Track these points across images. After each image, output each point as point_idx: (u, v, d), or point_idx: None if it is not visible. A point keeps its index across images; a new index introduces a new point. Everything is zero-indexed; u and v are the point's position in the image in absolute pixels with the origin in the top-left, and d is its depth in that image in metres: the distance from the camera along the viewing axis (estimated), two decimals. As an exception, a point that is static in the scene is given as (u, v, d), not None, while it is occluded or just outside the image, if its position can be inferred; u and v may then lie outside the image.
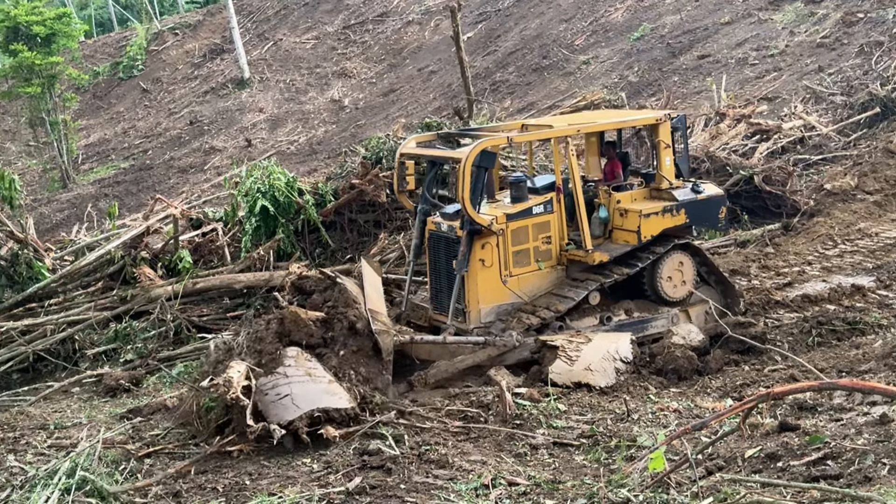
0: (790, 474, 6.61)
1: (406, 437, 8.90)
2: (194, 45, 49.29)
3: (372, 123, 35.52)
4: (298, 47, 46.51)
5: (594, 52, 34.28)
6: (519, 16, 40.92)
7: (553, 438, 9.00)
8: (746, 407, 6.74)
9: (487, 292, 11.79)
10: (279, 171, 16.21)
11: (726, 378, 10.96)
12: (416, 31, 45.17)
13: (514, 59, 36.94)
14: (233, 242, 16.43)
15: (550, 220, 12.12)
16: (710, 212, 12.83)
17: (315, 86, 42.87)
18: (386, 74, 42.04)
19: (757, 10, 31.58)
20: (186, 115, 42.46)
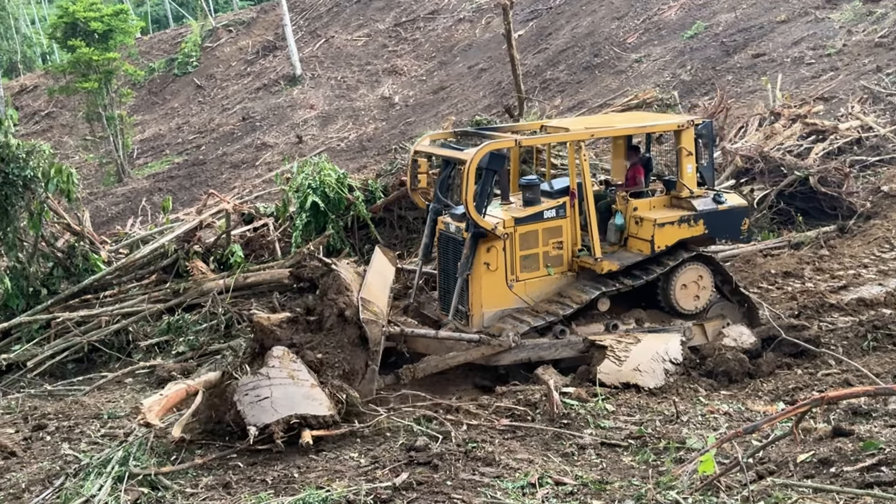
0: (843, 480, 6.51)
1: (453, 434, 8.90)
2: (248, 42, 49.81)
3: (422, 121, 35.59)
4: (350, 44, 46.77)
5: (646, 50, 34.01)
6: (571, 13, 40.73)
7: (600, 439, 8.95)
8: (799, 411, 6.65)
9: (491, 296, 11.51)
10: (330, 167, 16.34)
11: (778, 381, 10.84)
12: (466, 29, 45.18)
13: (564, 56, 36.78)
14: (283, 238, 16.59)
15: (563, 224, 11.78)
16: (732, 223, 12.35)
17: (365, 83, 43.07)
18: (436, 72, 42.09)
19: (814, 8, 31.08)
20: (239, 112, 42.91)
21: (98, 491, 8.08)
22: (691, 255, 11.96)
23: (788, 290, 14.13)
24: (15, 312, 14.87)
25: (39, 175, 14.68)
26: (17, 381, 13.69)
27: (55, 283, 15.45)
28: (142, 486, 8.20)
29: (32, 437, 10.28)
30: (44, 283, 15.39)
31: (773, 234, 17.04)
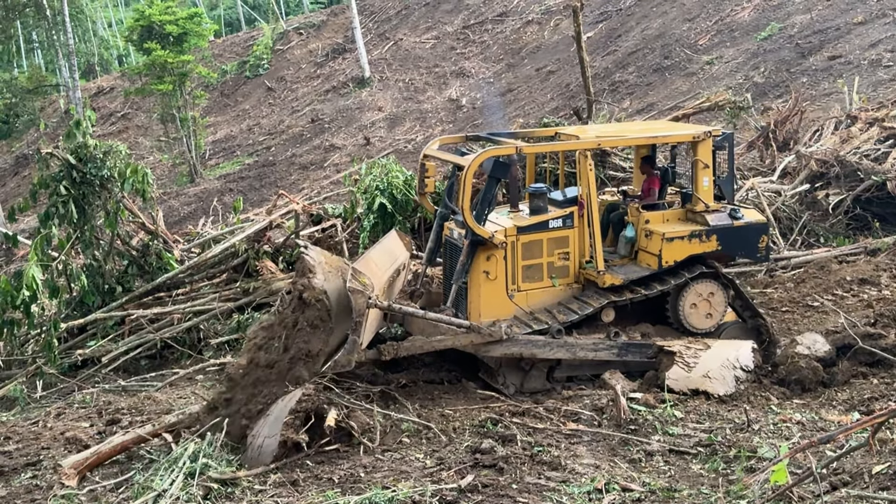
0: (922, 494, 6.36)
1: (519, 437, 8.88)
2: (318, 45, 50.41)
3: (488, 122, 35.62)
4: (418, 47, 47.04)
5: (718, 52, 33.57)
6: (641, 15, 40.39)
7: (669, 446, 8.85)
8: (876, 421, 6.48)
9: (490, 306, 11.17)
10: (397, 169, 16.42)
11: (853, 391, 10.56)
12: (535, 31, 45.11)
13: (634, 58, 36.50)
14: (351, 238, 16.71)
15: (569, 235, 11.45)
16: (748, 240, 11.85)
17: (433, 85, 43.27)
18: (504, 74, 42.12)
19: (892, 9, 30.37)
20: (308, 113, 43.43)
21: (170, 485, 8.23)
22: (700, 272, 11.53)
23: (864, 298, 13.80)
24: (91, 309, 15.19)
25: (116, 175, 14.99)
26: (92, 377, 14.00)
27: (130, 281, 15.76)
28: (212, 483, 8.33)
29: (106, 432, 10.50)
30: (119, 281, 15.70)
31: (850, 240, 16.65)
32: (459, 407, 10.14)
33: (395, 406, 10.24)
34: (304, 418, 9.00)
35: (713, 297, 11.62)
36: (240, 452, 9.15)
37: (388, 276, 11.35)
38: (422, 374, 11.36)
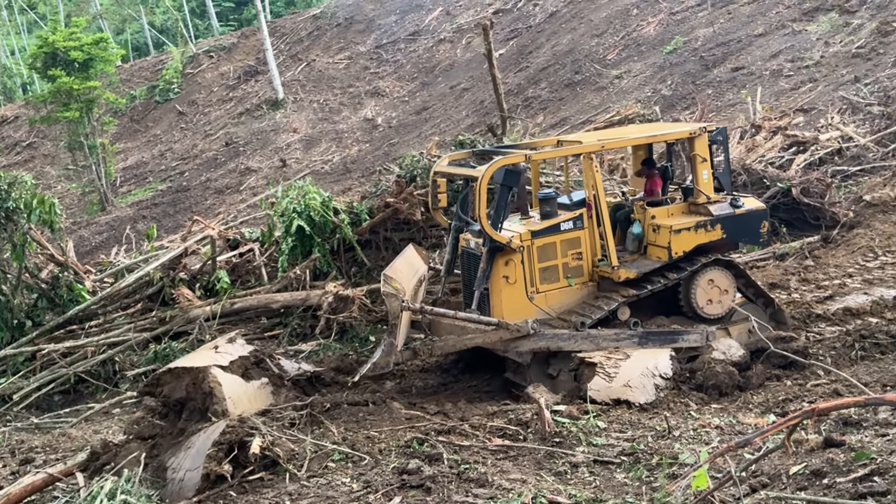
0: (836, 491, 6.48)
1: (445, 456, 8.85)
2: (229, 68, 49.81)
3: (405, 141, 35.65)
4: (331, 67, 46.88)
5: (627, 66, 34.21)
6: (550, 32, 40.96)
7: (593, 456, 8.91)
8: (790, 423, 6.63)
9: (512, 309, 11.61)
10: (314, 190, 16.29)
11: (768, 393, 10.83)
12: (447, 49, 45.35)
13: (546, 74, 36.96)
14: (269, 262, 16.54)
15: (581, 235, 11.95)
16: (751, 226, 12.48)
17: (348, 105, 43.15)
18: (418, 92, 42.21)
19: (791, 21, 31.36)
20: (222, 137, 42.87)
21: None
22: (710, 259, 12.09)
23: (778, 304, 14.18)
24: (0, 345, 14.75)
25: (22, 206, 14.61)
26: (4, 415, 13.56)
27: (40, 315, 15.33)
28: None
29: (20, 472, 10.16)
30: (28, 315, 15.27)
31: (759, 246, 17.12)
32: (385, 428, 10.07)
33: (321, 430, 10.11)
34: (228, 449, 8.84)
35: (723, 284, 12.16)
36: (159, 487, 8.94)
37: (413, 285, 11.78)
38: (346, 396, 11.28)
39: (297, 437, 9.44)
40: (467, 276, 12.36)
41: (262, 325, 15.22)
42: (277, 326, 15.10)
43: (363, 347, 14.21)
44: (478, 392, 12.23)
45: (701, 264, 11.99)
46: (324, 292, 14.74)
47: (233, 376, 10.50)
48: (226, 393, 10.06)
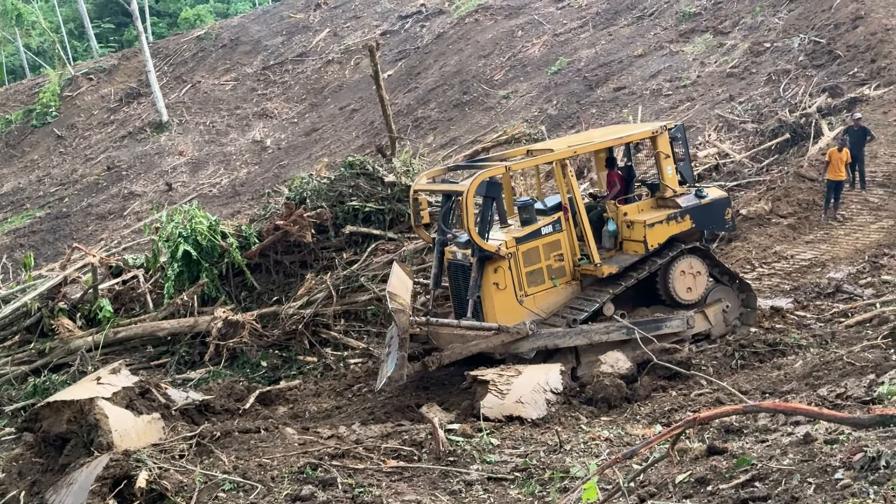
0: (720, 497, 6.63)
1: (339, 480, 8.76)
2: (110, 90, 48.55)
3: (295, 163, 35.36)
4: (217, 89, 46.19)
5: (513, 86, 34.74)
6: (438, 53, 41.29)
7: (487, 473, 8.92)
8: (674, 433, 6.78)
9: (505, 313, 12.12)
10: (201, 214, 15.97)
11: (655, 404, 11.01)
12: (336, 70, 45.24)
13: (434, 95, 37.21)
14: (155, 289, 16.10)
15: (560, 238, 12.54)
16: (717, 214, 13.31)
17: (236, 127, 42.57)
18: (308, 114, 41.96)
19: (668, 42, 32.38)
20: (104, 161, 41.71)
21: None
22: (689, 247, 12.81)
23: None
24: None
25: None
26: None
27: (-88, 350, 14.62)
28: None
29: None
30: None
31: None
32: (277, 455, 9.88)
33: (211, 460, 9.88)
34: (113, 484, 8.56)
35: (696, 270, 12.84)
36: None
37: (409, 300, 12.21)
38: (237, 424, 11.06)
39: (186, 468, 9.20)
40: (455, 286, 12.85)
41: (149, 354, 14.81)
42: (164, 355, 14.71)
43: (254, 373, 13.99)
44: (372, 414, 12.17)
45: (679, 251, 12.71)
46: (212, 318, 14.45)
47: (119, 408, 10.19)
48: (112, 425, 9.75)
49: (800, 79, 25.50)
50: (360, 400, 12.73)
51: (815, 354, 11.51)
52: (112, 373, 10.84)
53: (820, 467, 6.56)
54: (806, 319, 13.57)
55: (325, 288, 15.08)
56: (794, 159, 20.96)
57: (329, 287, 14.96)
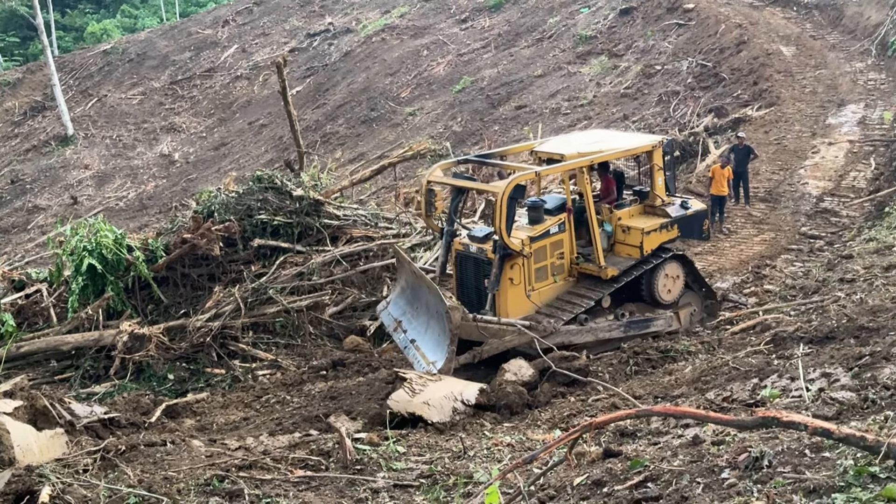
0: (615, 499, 6.70)
1: (246, 491, 8.58)
2: (14, 103, 47.05)
3: (203, 177, 34.82)
4: (124, 103, 45.17)
5: (419, 103, 34.89)
6: (346, 70, 41.20)
7: (393, 481, 8.85)
8: (572, 437, 6.85)
9: (515, 307, 12.53)
10: (107, 227, 15.49)
11: (555, 410, 11.03)
12: (245, 86, 44.74)
13: (343, 111, 37.12)
14: (59, 303, 15.56)
15: (563, 238, 12.96)
16: (697, 224, 13.90)
17: (143, 141, 41.69)
18: (216, 128, 41.37)
19: (566, 63, 32.96)
20: (7, 174, 40.35)
21: None
22: (669, 255, 13.37)
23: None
24: None
25: None
26: None
27: None
28: None
29: None
30: None
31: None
32: (184, 467, 9.62)
33: (116, 474, 9.58)
34: (15, 500, 8.23)
35: (675, 275, 13.43)
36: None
37: None
38: (143, 437, 10.76)
39: (91, 482, 8.90)
40: (463, 276, 13.13)
41: (52, 369, 14.29)
42: (69, 369, 14.21)
43: (161, 386, 13.64)
44: (280, 424, 11.97)
45: (667, 258, 13.28)
46: (118, 332, 14.04)
47: (21, 423, 9.81)
48: (14, 440, 9.38)
49: (688, 99, 26.29)
50: (268, 411, 12.51)
51: (704, 360, 11.74)
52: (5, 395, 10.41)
53: (708, 468, 6.70)
54: (695, 328, 13.90)
55: (233, 300, 14.82)
56: (683, 176, 21.53)
57: (237, 299, 14.72)
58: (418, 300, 13.06)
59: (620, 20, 35.20)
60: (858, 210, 18.88)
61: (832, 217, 18.83)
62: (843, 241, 17.15)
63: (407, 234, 16.82)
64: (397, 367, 12.37)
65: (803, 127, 23.45)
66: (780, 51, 28.64)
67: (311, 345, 14.63)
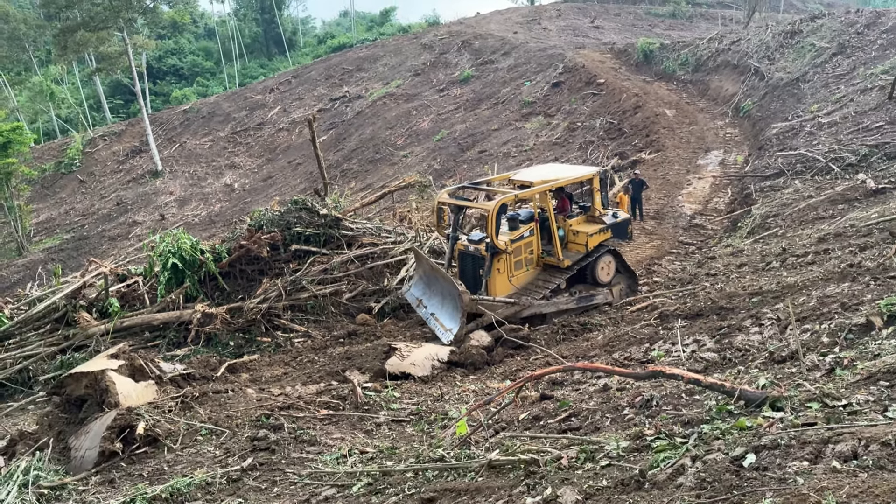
0: (548, 429, 6.75)
1: (285, 425, 8.53)
2: (119, 147, 46.60)
3: (255, 201, 34.54)
4: (198, 147, 44.79)
5: (410, 149, 34.85)
6: (358, 125, 41.10)
7: (391, 417, 8.85)
8: (517, 385, 6.87)
9: (502, 288, 12.86)
10: (185, 237, 15.33)
11: (506, 366, 11.07)
12: (285, 136, 44.49)
13: (355, 154, 37.00)
14: (150, 291, 15.34)
15: (532, 240, 13.27)
16: (623, 229, 14.24)
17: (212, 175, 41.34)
18: (265, 166, 41.08)
19: (514, 121, 33.03)
20: (114, 199, 39.94)
21: (6, 496, 7.09)
22: (610, 249, 13.75)
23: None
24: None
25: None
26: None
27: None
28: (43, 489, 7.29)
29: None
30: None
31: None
32: (240, 408, 9.57)
33: (191, 413, 9.48)
34: (119, 431, 8.13)
35: (609, 262, 13.74)
36: (64, 464, 8.09)
37: None
38: (211, 387, 10.63)
39: (174, 419, 8.82)
40: (463, 268, 13.34)
41: (146, 338, 14.09)
42: (158, 338, 14.02)
43: (224, 350, 13.50)
44: (310, 377, 11.88)
45: (603, 251, 13.62)
46: (193, 311, 13.87)
47: (124, 377, 9.68)
48: (119, 389, 9.27)
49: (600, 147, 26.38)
50: (301, 367, 12.41)
51: (611, 331, 11.80)
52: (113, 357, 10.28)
53: (614, 406, 6.72)
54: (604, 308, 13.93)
55: (276, 289, 14.70)
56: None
57: (280, 288, 14.59)
58: (433, 286, 13.20)
59: (553, 91, 35.32)
60: (719, 225, 19.03)
61: (701, 230, 18.96)
62: (709, 247, 17.27)
63: (401, 241, 16.75)
64: (391, 340, 12.26)
65: (681, 166, 23.62)
66: (664, 112, 28.85)
67: (332, 320, 14.53)
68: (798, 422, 4.93)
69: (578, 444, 5.82)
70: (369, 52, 55.67)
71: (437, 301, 12.95)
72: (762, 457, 4.53)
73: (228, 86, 64.71)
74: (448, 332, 12.02)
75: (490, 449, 6.44)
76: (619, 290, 13.93)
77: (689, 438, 5.15)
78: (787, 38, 30.22)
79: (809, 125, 21.89)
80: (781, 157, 20.43)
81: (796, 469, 4.29)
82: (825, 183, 17.64)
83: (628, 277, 14.33)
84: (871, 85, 22.40)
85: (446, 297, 12.60)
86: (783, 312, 8.79)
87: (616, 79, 34.28)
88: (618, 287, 13.95)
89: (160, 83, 65.31)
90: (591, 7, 62.80)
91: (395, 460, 7.07)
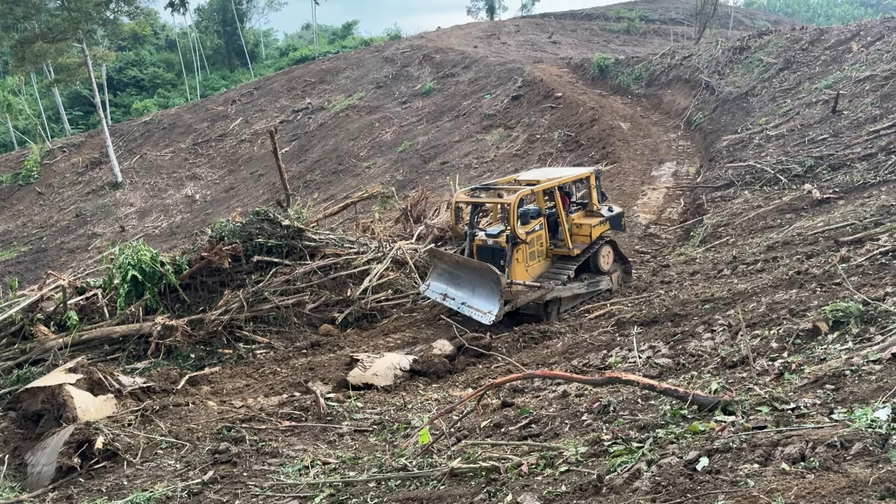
0: (509, 436, 6.75)
1: (247, 437, 8.37)
2: (79, 159, 45.44)
3: (217, 212, 34.00)
4: (159, 159, 43.95)
5: (373, 160, 34.73)
6: (321, 136, 40.85)
7: (354, 427, 8.75)
8: (479, 393, 6.86)
9: (520, 276, 13.14)
10: (145, 248, 15.00)
11: (468, 374, 11.01)
12: (247, 147, 43.95)
13: (318, 165, 36.73)
14: (110, 303, 14.97)
15: (542, 233, 13.66)
16: (619, 221, 14.73)
17: (173, 186, 40.58)
18: (227, 177, 40.49)
19: (475, 133, 33.18)
20: (73, 210, 38.88)
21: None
22: (609, 239, 14.26)
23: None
24: None
25: None
26: None
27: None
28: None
29: None
30: None
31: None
32: (201, 421, 9.37)
33: (152, 427, 9.25)
34: (77, 446, 7.88)
35: (609, 252, 14.24)
36: (20, 480, 7.80)
37: None
38: (171, 400, 10.38)
39: (133, 433, 8.59)
40: (482, 260, 13.51)
41: (105, 351, 13.72)
42: (117, 351, 13.67)
43: (185, 363, 13.21)
44: (272, 388, 11.69)
45: (604, 242, 14.11)
46: (153, 323, 13.57)
47: (82, 391, 9.40)
48: (76, 404, 9.00)
49: (558, 159, 26.65)
50: (263, 379, 12.21)
51: (570, 338, 11.85)
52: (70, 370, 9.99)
53: (572, 412, 6.75)
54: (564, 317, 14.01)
55: (238, 300, 14.46)
56: (556, 210, 21.72)
57: (241, 299, 14.36)
58: (458, 278, 13.66)
59: (512, 103, 35.63)
60: (673, 234, 19.34)
61: (655, 239, 19.23)
62: (663, 255, 17.54)
63: (364, 252, 16.64)
64: (353, 350, 12.15)
65: (636, 177, 23.99)
66: (620, 125, 29.32)
67: (295, 331, 14.36)
68: (749, 425, 5.02)
69: (538, 450, 5.82)
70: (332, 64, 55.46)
71: (466, 290, 13.48)
72: (715, 460, 4.59)
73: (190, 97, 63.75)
74: (488, 314, 12.61)
75: (452, 457, 6.40)
76: (617, 277, 14.60)
77: (644, 443, 5.20)
78: (736, 54, 31.02)
79: (758, 137, 22.47)
80: (731, 168, 20.90)
81: (747, 471, 4.36)
82: (773, 193, 18.10)
83: (623, 265, 15.00)
84: (816, 99, 23.12)
85: (477, 285, 13.18)
86: (734, 319, 8.96)
87: (573, 92, 34.73)
88: (616, 275, 14.62)
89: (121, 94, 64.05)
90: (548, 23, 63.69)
91: (358, 470, 6.98)
